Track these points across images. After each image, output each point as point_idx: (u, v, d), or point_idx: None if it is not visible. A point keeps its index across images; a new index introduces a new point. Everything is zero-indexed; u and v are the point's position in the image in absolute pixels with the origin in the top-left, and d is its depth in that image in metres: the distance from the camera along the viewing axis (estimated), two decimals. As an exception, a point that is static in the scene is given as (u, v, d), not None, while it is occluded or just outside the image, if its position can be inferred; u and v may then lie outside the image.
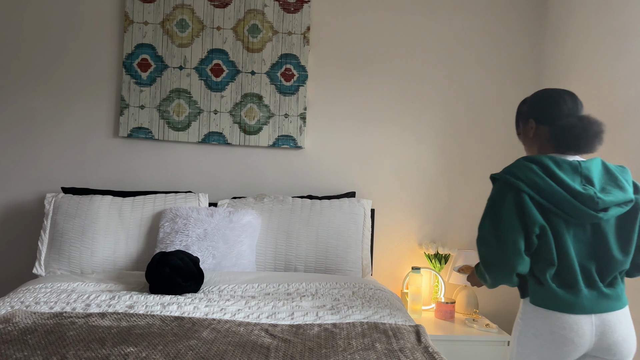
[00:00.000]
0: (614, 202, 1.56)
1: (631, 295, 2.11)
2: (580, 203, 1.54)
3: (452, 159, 2.97)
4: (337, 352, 1.51)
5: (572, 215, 1.56)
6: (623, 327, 1.62)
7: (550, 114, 1.67)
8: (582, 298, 1.58)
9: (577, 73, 2.62)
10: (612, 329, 1.60)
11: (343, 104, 2.94)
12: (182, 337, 1.56)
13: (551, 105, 1.68)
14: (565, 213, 1.56)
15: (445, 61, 2.97)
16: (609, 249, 1.60)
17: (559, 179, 1.57)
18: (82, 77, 2.84)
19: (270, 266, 2.56)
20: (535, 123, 1.71)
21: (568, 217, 1.57)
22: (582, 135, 1.61)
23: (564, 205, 1.55)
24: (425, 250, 2.88)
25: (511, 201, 1.58)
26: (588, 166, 1.62)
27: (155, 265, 2.12)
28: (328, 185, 2.93)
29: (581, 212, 1.55)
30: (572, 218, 1.57)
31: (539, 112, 1.70)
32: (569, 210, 1.56)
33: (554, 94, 1.70)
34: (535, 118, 1.71)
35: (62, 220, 2.52)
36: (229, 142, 2.86)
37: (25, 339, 1.51)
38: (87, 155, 2.85)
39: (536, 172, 1.58)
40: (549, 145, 1.68)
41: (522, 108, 1.78)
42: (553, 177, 1.57)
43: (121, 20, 2.85)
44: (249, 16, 2.86)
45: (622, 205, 1.59)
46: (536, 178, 1.57)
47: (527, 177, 1.58)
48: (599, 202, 1.54)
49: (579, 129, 1.61)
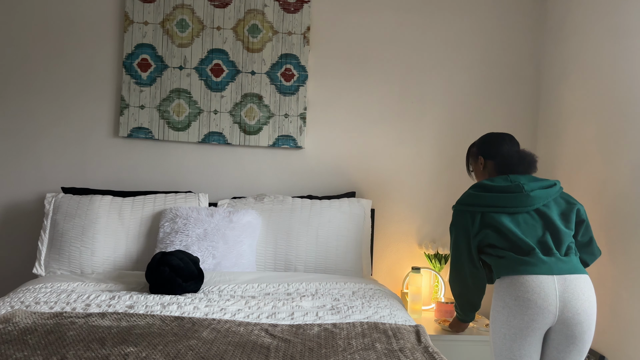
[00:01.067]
0: (537, 186, 1.96)
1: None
2: (510, 192, 1.95)
3: (452, 159, 2.97)
4: (337, 352, 1.51)
5: (511, 205, 1.94)
6: (585, 297, 1.81)
7: (495, 151, 2.14)
8: (541, 261, 1.84)
9: (577, 73, 2.62)
10: (575, 295, 1.79)
11: (343, 104, 2.94)
12: (182, 337, 1.56)
13: (495, 144, 2.15)
14: (505, 207, 1.94)
15: (445, 61, 2.97)
16: (554, 223, 1.93)
17: (493, 187, 1.99)
18: (82, 77, 2.84)
19: (270, 266, 2.56)
20: (484, 159, 2.17)
21: (509, 209, 1.94)
22: (520, 163, 2.05)
23: (500, 200, 1.95)
24: (425, 250, 2.88)
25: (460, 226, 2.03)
26: (515, 176, 2.03)
27: (155, 265, 2.12)
28: (328, 185, 2.93)
29: (514, 199, 1.94)
30: (512, 207, 1.94)
31: (485, 151, 2.17)
32: (506, 203, 1.95)
33: (496, 136, 2.18)
34: (483, 155, 2.18)
35: (62, 220, 2.52)
36: (229, 142, 2.86)
37: (25, 339, 1.51)
38: (87, 155, 2.85)
39: (472, 194, 2.02)
40: (495, 174, 2.12)
41: (472, 150, 2.25)
42: (488, 189, 2.00)
43: (121, 20, 2.85)
44: (249, 16, 2.86)
45: (546, 188, 1.98)
46: (473, 197, 2.01)
47: (468, 201, 2.03)
48: (524, 186, 1.95)
49: (516, 159, 2.06)
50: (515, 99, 2.99)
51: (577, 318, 1.78)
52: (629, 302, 2.16)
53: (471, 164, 2.26)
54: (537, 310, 1.77)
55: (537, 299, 1.78)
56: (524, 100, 3.00)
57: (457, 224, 2.05)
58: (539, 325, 1.79)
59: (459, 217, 2.06)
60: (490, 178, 2.06)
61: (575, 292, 1.79)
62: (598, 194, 2.39)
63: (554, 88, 2.84)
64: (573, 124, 2.63)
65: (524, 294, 1.79)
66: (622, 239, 2.22)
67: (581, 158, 2.54)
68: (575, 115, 2.61)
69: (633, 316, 2.14)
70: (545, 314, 1.77)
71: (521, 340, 1.81)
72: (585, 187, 2.48)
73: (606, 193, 2.33)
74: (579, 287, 1.81)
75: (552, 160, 2.80)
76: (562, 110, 2.74)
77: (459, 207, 2.07)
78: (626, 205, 2.20)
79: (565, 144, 2.69)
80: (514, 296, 1.81)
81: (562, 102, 2.74)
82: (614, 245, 2.27)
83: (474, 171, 2.25)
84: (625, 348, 2.18)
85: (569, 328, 1.79)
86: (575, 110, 2.61)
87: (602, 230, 2.34)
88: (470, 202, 2.03)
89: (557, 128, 2.77)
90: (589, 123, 2.49)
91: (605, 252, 2.31)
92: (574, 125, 2.62)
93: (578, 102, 2.59)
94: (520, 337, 1.81)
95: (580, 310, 1.78)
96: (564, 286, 1.79)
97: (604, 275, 2.31)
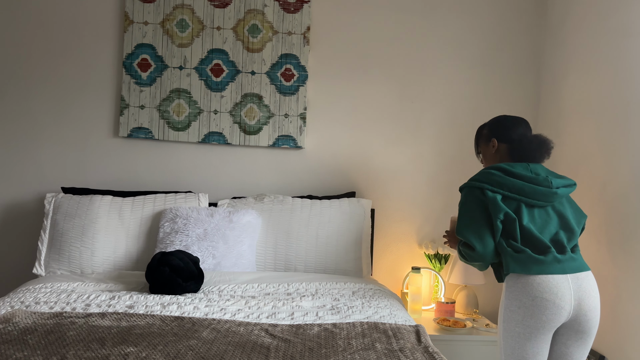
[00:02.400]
0: (561, 183, 1.91)
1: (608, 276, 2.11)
2: (537, 185, 1.87)
3: (452, 159, 2.97)
4: (337, 352, 1.51)
5: (533, 197, 1.87)
6: (595, 294, 1.83)
7: (509, 133, 2.02)
8: (556, 260, 1.81)
9: (577, 73, 2.62)
10: (587, 293, 1.80)
11: (343, 104, 2.94)
12: (182, 337, 1.56)
13: (510, 127, 2.03)
14: (527, 197, 1.87)
15: (445, 61, 2.97)
16: (569, 222, 1.90)
17: (516, 174, 1.89)
18: (82, 77, 2.84)
19: (270, 266, 2.56)
20: (497, 141, 2.04)
21: (530, 201, 1.87)
22: (537, 149, 1.96)
23: (525, 190, 1.86)
24: (425, 250, 2.88)
25: (476, 200, 1.90)
26: (535, 166, 1.96)
27: (155, 265, 2.12)
28: (328, 185, 2.93)
29: (540, 192, 1.86)
30: (533, 200, 1.87)
31: (500, 133, 2.04)
32: (530, 194, 1.87)
33: (512, 119, 2.06)
34: (497, 137, 2.05)
35: (62, 220, 2.52)
36: (229, 142, 2.86)
37: (25, 339, 1.51)
38: (87, 155, 2.85)
39: (495, 174, 1.91)
40: (507, 158, 2.02)
41: (483, 131, 2.12)
42: (510, 174, 1.90)
43: (121, 20, 2.85)
44: (249, 16, 2.86)
45: (568, 187, 1.93)
46: (496, 177, 1.90)
47: (488, 179, 1.91)
48: (552, 182, 1.88)
49: (535, 144, 1.96)
50: (515, 99, 2.99)
51: (589, 315, 1.81)
52: (629, 302, 2.17)
53: (481, 146, 2.11)
54: (555, 310, 1.77)
55: (555, 299, 1.77)
56: (524, 100, 3.00)
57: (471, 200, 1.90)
58: (554, 324, 1.80)
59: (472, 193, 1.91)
60: (509, 163, 1.94)
61: (587, 290, 1.81)
62: (598, 194, 2.39)
63: (554, 88, 2.84)
64: (573, 124, 2.63)
65: (542, 294, 1.78)
66: (622, 239, 2.22)
67: (581, 158, 2.54)
68: (575, 115, 2.61)
69: (633, 316, 2.14)
70: (562, 313, 1.79)
71: (535, 339, 1.81)
72: (585, 187, 2.48)
73: (606, 193, 2.33)
74: (590, 285, 1.83)
75: (552, 160, 2.80)
76: (562, 110, 2.74)
77: (475, 183, 1.91)
78: (626, 205, 2.20)
79: (565, 144, 2.69)
80: (531, 296, 1.79)
81: (562, 102, 2.74)
82: (614, 245, 2.27)
83: (483, 154, 2.11)
84: (625, 348, 2.18)
85: (581, 325, 1.81)
86: (575, 110, 2.61)
87: (602, 230, 2.34)
88: (489, 180, 1.89)
89: (557, 128, 2.77)
90: (589, 123, 2.49)
91: (605, 252, 2.31)
92: (574, 125, 2.62)
93: (578, 102, 2.59)
94: (535, 336, 1.81)
95: (592, 306, 1.81)
96: (577, 285, 1.80)
97: (604, 275, 2.31)
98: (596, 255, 2.37)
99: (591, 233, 2.39)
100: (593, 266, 2.37)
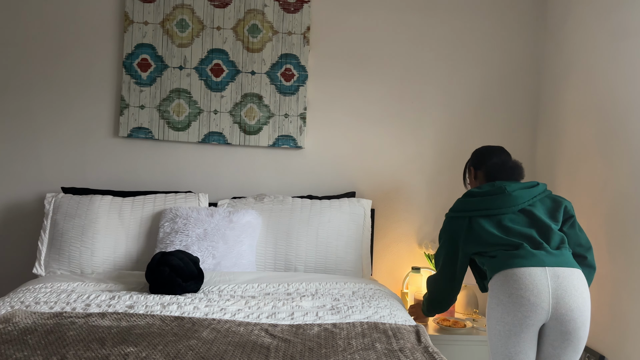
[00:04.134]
0: (518, 186, 2.05)
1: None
2: (494, 194, 2.04)
3: (452, 159, 2.97)
4: (337, 352, 1.51)
5: (493, 206, 2.02)
6: (578, 293, 1.81)
7: (484, 161, 2.25)
8: (530, 254, 1.86)
9: (576, 73, 2.62)
10: (568, 292, 1.80)
11: (343, 104, 2.94)
12: (182, 337, 1.56)
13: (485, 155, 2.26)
14: (487, 209, 2.02)
15: (445, 61, 2.97)
16: (540, 219, 1.98)
17: (477, 192, 2.10)
18: (82, 77, 2.84)
19: (270, 266, 2.56)
20: (474, 170, 2.29)
21: (492, 211, 2.01)
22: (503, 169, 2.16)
23: (483, 203, 2.04)
24: (425, 250, 2.88)
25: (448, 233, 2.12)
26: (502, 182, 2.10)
27: (155, 265, 2.12)
28: (328, 185, 2.93)
29: (497, 200, 2.02)
30: (495, 209, 2.02)
31: (477, 161, 2.28)
32: (489, 205, 2.03)
33: (487, 148, 2.30)
34: (474, 166, 2.29)
35: (62, 220, 2.52)
36: (229, 142, 2.86)
37: (25, 339, 1.51)
38: (87, 155, 2.85)
39: (461, 200, 2.13)
40: (484, 182, 2.22)
41: (467, 163, 2.37)
42: (472, 194, 2.11)
43: (121, 20, 2.85)
44: (249, 16, 2.86)
45: (527, 189, 2.05)
46: (462, 203, 2.12)
47: (455, 207, 2.13)
48: (506, 188, 2.04)
49: (499, 166, 2.18)
50: (515, 99, 2.99)
51: (570, 315, 1.79)
52: (629, 302, 2.17)
53: (467, 176, 2.38)
54: (530, 307, 1.79)
55: (530, 296, 1.79)
56: (524, 100, 3.00)
57: (446, 230, 2.14)
58: (532, 321, 1.80)
59: (448, 224, 2.14)
60: (479, 186, 2.16)
61: (568, 289, 1.80)
62: (598, 194, 2.39)
63: (554, 88, 2.84)
64: (573, 124, 2.63)
65: (517, 290, 1.81)
66: (622, 239, 2.22)
67: (581, 158, 2.54)
68: (575, 115, 2.61)
69: (633, 316, 2.14)
70: (538, 311, 1.79)
71: (516, 337, 1.82)
72: (585, 187, 2.48)
73: (606, 193, 2.33)
74: (572, 283, 1.82)
75: (552, 160, 2.80)
76: (562, 110, 2.74)
77: (450, 214, 2.15)
78: (626, 205, 2.20)
79: (565, 144, 2.69)
80: (507, 293, 1.83)
81: (562, 102, 2.74)
82: (614, 245, 2.27)
83: (470, 183, 2.36)
84: (625, 348, 2.18)
85: (563, 324, 1.80)
86: (575, 110, 2.61)
87: (602, 230, 2.34)
88: (460, 208, 2.11)
89: (557, 128, 2.77)
90: (589, 123, 2.49)
91: (605, 252, 2.31)
92: (574, 125, 2.62)
93: (578, 102, 2.59)
94: (514, 334, 1.82)
95: (573, 306, 1.79)
96: (557, 283, 1.80)
97: (604, 275, 2.31)
98: (596, 255, 2.37)
99: (591, 233, 2.39)
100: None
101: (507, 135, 2.97)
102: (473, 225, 2.04)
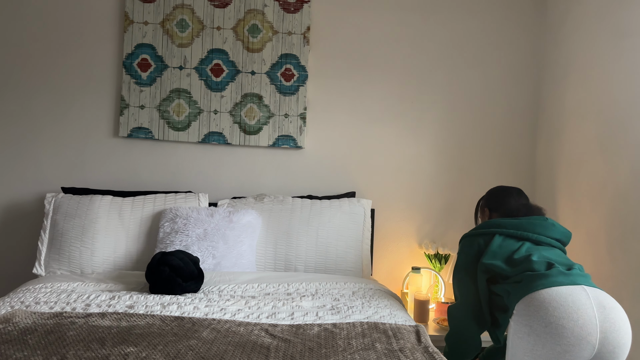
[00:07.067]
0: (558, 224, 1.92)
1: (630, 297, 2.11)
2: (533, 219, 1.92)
3: (452, 159, 2.97)
4: (337, 352, 1.51)
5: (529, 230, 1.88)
6: (626, 328, 1.55)
7: (500, 203, 2.10)
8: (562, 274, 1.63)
9: (576, 73, 2.62)
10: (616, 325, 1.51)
11: (343, 104, 2.94)
12: (182, 337, 1.56)
13: (501, 197, 2.12)
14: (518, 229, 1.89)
15: (445, 61, 2.97)
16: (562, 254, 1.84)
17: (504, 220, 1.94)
18: (82, 77, 2.84)
19: (270, 266, 2.56)
20: (489, 211, 2.13)
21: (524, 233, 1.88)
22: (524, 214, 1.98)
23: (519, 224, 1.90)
24: (425, 250, 2.88)
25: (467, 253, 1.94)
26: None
27: (155, 265, 2.12)
28: (328, 185, 2.93)
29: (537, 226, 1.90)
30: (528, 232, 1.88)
31: (492, 202, 2.14)
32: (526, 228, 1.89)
33: (503, 189, 2.16)
34: (489, 207, 2.14)
35: (62, 220, 2.52)
36: (229, 142, 2.86)
37: (25, 339, 1.51)
38: (87, 155, 2.85)
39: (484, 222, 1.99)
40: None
41: (480, 202, 2.22)
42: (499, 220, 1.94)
43: (121, 20, 2.85)
44: (249, 16, 2.86)
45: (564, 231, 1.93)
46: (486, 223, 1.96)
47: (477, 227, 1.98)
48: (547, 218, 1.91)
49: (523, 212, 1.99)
50: (515, 99, 2.99)
51: (617, 352, 1.50)
52: (629, 302, 2.16)
53: (479, 216, 2.22)
54: (573, 340, 1.48)
55: (574, 327, 1.48)
56: (524, 100, 3.00)
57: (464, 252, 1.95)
58: (572, 357, 1.49)
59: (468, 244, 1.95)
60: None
61: (617, 322, 1.51)
62: (598, 194, 2.39)
63: (554, 88, 2.84)
64: (573, 124, 2.63)
65: (558, 319, 1.49)
66: (622, 239, 2.22)
67: (581, 158, 2.54)
68: (575, 115, 2.61)
69: (633, 316, 2.14)
70: (583, 345, 1.47)
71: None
72: (585, 187, 2.48)
73: (606, 193, 2.33)
74: (619, 315, 1.53)
75: (552, 160, 2.80)
76: (562, 110, 2.74)
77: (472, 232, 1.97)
78: (626, 205, 2.20)
79: (565, 144, 2.69)
80: (543, 320, 1.51)
81: (562, 102, 2.74)
82: (614, 245, 2.27)
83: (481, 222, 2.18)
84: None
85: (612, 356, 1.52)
86: (575, 110, 2.61)
87: (602, 230, 2.34)
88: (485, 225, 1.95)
89: (557, 128, 2.77)
90: (589, 123, 2.49)
91: (605, 252, 2.31)
92: (574, 125, 2.62)
93: (578, 102, 2.59)
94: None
95: (621, 343, 1.51)
96: (604, 314, 1.51)
97: (604, 275, 2.31)
98: (596, 255, 2.37)
99: (591, 233, 2.39)
100: (593, 266, 2.37)
101: (507, 135, 2.97)
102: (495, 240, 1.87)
